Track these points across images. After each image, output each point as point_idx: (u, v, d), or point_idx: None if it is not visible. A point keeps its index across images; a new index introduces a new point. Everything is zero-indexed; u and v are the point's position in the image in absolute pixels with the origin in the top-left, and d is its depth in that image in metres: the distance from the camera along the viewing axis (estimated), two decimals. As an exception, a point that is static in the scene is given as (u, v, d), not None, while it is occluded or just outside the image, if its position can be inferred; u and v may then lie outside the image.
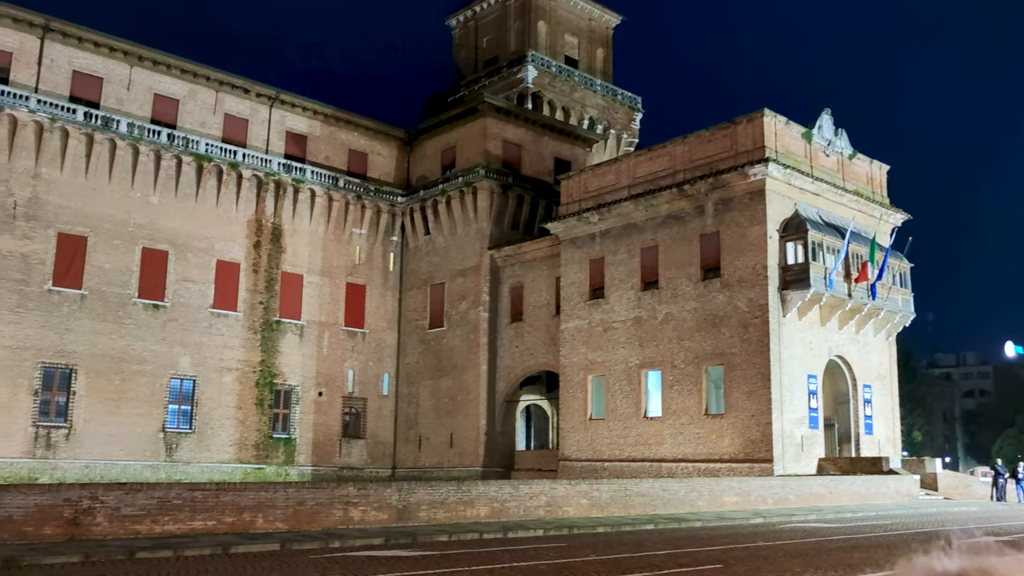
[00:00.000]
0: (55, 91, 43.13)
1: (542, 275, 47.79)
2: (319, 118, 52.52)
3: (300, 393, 49.21)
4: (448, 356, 50.40)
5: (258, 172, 48.36)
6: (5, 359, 40.00)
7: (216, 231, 47.18)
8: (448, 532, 22.65)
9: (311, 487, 25.02)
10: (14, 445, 39.62)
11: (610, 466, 40.90)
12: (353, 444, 50.99)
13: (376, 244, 53.64)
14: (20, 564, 16.50)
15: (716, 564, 16.38)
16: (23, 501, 19.43)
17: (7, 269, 40.67)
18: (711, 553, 18.28)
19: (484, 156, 50.96)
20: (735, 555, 17.88)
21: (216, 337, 46.48)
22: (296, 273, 50.03)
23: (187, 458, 44.43)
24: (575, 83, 61.72)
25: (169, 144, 45.34)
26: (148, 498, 20.84)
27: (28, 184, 41.81)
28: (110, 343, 42.99)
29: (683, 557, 17.64)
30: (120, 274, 43.86)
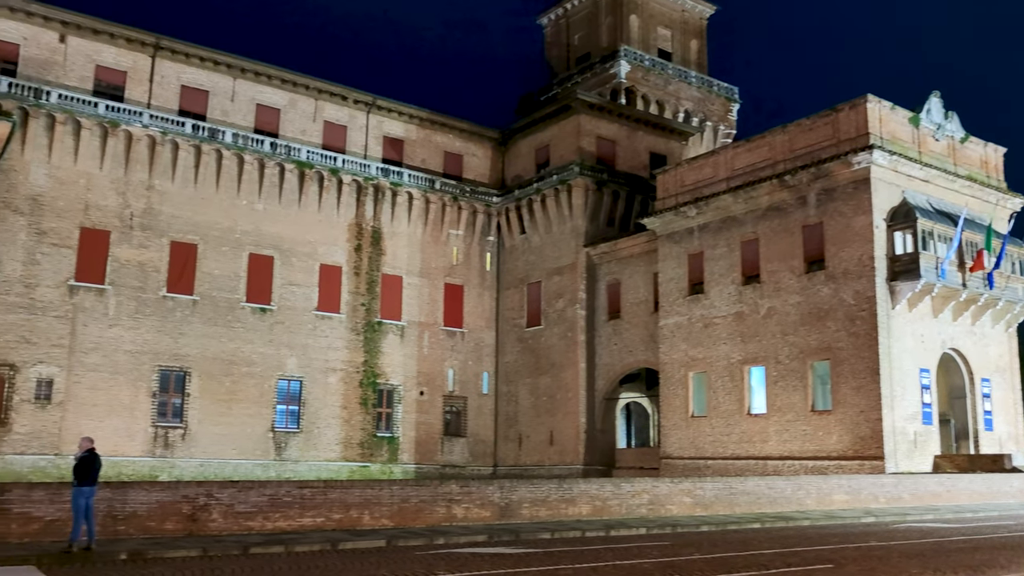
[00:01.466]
0: (165, 106, 45.06)
1: (639, 271, 47.35)
2: (415, 122, 53.34)
3: (402, 392, 50.09)
4: (546, 354, 50.47)
5: (357, 177, 49.44)
6: (126, 363, 42.01)
7: (319, 235, 48.46)
8: (550, 530, 22.67)
9: (415, 485, 25.42)
10: (136, 444, 41.59)
11: (713, 464, 40.23)
12: (454, 442, 51.60)
13: (473, 244, 54.14)
14: (145, 557, 17.30)
15: (827, 564, 15.91)
16: (146, 498, 20.36)
17: (126, 277, 42.71)
18: (821, 553, 17.77)
19: (578, 153, 50.81)
20: (846, 555, 17.33)
21: (321, 339, 47.74)
22: (396, 275, 50.95)
23: (295, 457, 45.77)
24: (669, 76, 60.92)
25: (272, 152, 46.80)
26: (260, 495, 21.55)
27: (143, 196, 43.81)
28: (221, 346, 44.66)
29: (791, 556, 17.20)
30: (229, 279, 45.51)
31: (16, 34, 41.86)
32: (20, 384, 39.38)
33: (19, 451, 38.75)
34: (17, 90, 40.50)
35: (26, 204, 40.81)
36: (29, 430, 39.26)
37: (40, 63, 42.24)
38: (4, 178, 40.11)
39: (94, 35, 43.65)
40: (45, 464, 38.86)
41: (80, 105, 41.96)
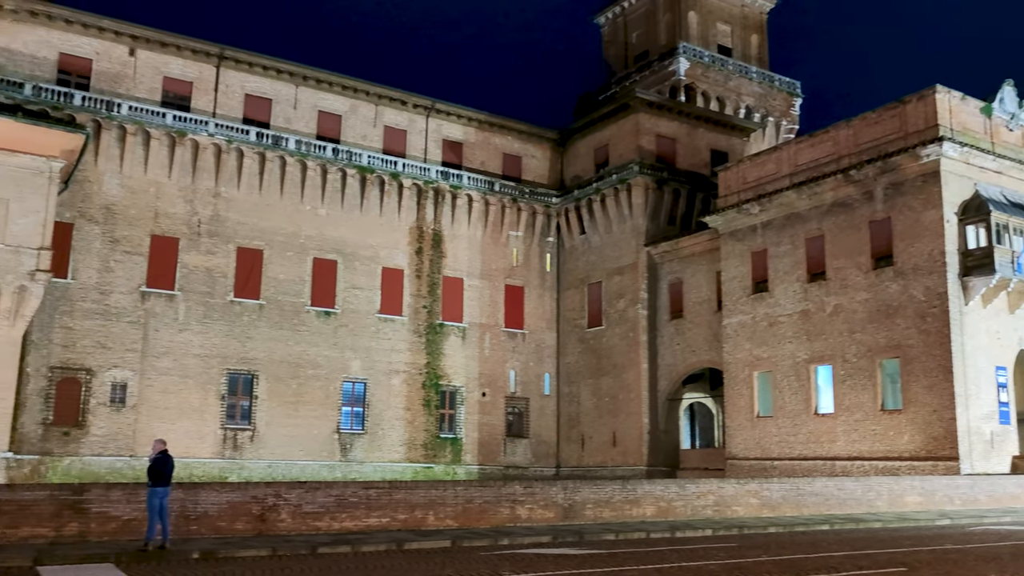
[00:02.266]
0: (230, 115, 46.06)
1: (701, 270, 46.85)
2: (473, 124, 53.62)
3: (464, 394, 50.37)
4: (608, 355, 50.25)
5: (418, 181, 49.90)
6: (196, 367, 43.06)
7: (380, 239, 49.04)
8: (614, 531, 22.58)
9: (479, 485, 25.54)
10: (206, 446, 42.58)
11: (780, 464, 39.58)
12: (517, 443, 51.70)
13: (533, 245, 54.20)
14: (216, 556, 17.70)
15: (899, 567, 15.54)
16: (216, 498, 20.84)
17: (195, 283, 43.78)
18: (893, 555, 17.36)
19: (637, 152, 50.50)
20: (920, 558, 16.90)
21: (384, 341, 48.29)
22: (456, 277, 51.27)
23: (360, 458, 46.37)
24: (729, 72, 60.19)
25: (334, 158, 47.50)
26: (327, 496, 21.89)
27: (210, 203, 44.85)
28: (287, 349, 45.47)
29: (863, 559, 16.84)
30: (294, 284, 46.32)
31: (89, 49, 43.23)
32: (96, 388, 40.64)
33: (96, 452, 40.00)
34: (90, 103, 41.81)
35: (100, 213, 42.11)
36: (105, 432, 40.49)
37: (111, 77, 43.55)
38: (79, 189, 41.45)
39: (162, 48, 44.85)
40: (121, 465, 40.03)
41: (149, 116, 43.14)
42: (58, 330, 40.20)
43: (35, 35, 42.14)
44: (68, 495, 19.63)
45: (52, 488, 20.47)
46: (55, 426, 39.52)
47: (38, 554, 17.10)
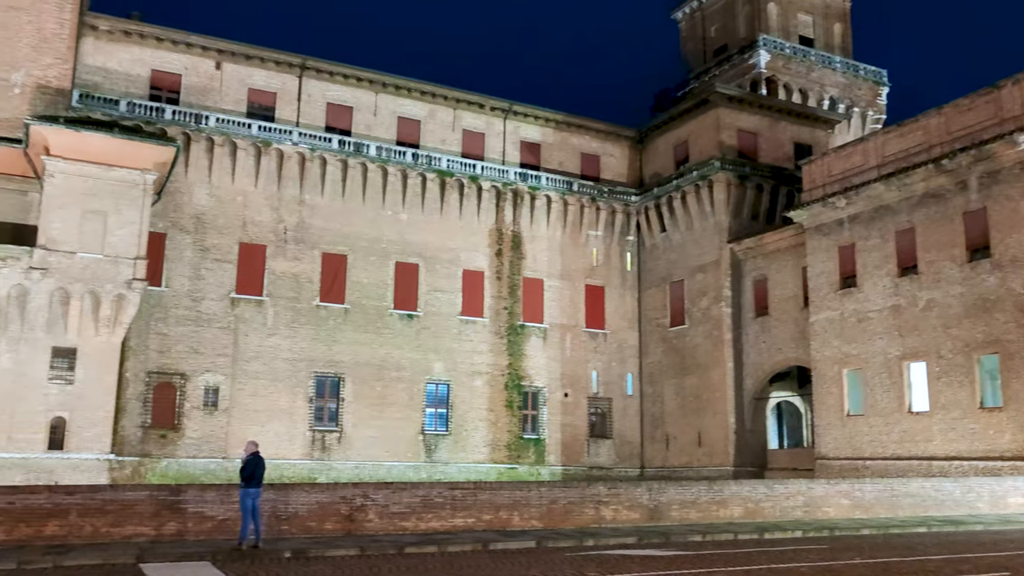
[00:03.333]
0: (313, 123, 47.10)
1: (787, 266, 45.86)
2: (551, 125, 53.63)
3: (547, 394, 50.40)
4: (691, 354, 49.61)
5: (496, 183, 50.16)
6: (285, 370, 44.15)
7: (461, 242, 49.47)
8: (701, 532, 22.29)
9: (563, 486, 25.52)
10: (295, 448, 43.61)
11: (872, 465, 38.44)
12: (600, 444, 51.47)
13: (612, 245, 53.90)
14: (307, 555, 18.11)
15: (1002, 571, 14.92)
16: (306, 499, 21.33)
17: (282, 289, 44.90)
18: (996, 560, 16.68)
19: (718, 147, 49.74)
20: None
21: (466, 343, 48.69)
22: (536, 278, 51.34)
23: (445, 459, 46.83)
24: (811, 63, 58.81)
25: (414, 163, 48.13)
26: (412, 497, 22.18)
27: (295, 210, 45.94)
28: (371, 352, 46.25)
29: (962, 563, 16.23)
30: (377, 288, 47.09)
31: (178, 65, 44.77)
32: (190, 392, 42.03)
33: (191, 455, 41.36)
34: (180, 117, 43.30)
35: (191, 223, 43.56)
36: (200, 435, 41.85)
37: (199, 90, 45.01)
38: (171, 200, 42.95)
39: (246, 60, 46.14)
40: (215, 467, 41.31)
41: (235, 127, 44.43)
42: (154, 336, 41.72)
43: (129, 53, 43.83)
44: (167, 495, 20.35)
45: (152, 489, 21.25)
46: (153, 429, 41.02)
47: (140, 552, 17.77)
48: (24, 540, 18.73)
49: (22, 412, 34.84)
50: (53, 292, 35.79)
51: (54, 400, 35.54)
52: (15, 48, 39.42)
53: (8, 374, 34.97)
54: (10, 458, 34.31)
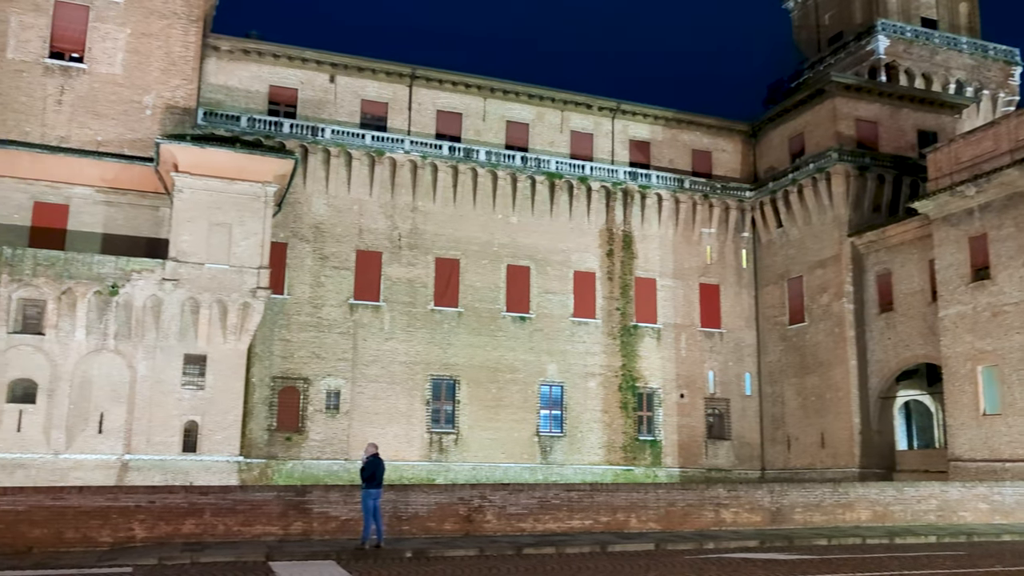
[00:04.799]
0: (424, 131, 47.98)
1: (912, 259, 43.90)
2: (660, 123, 53.00)
3: (662, 396, 49.78)
4: (812, 352, 48.07)
5: (606, 183, 49.91)
6: (402, 373, 45.09)
7: (571, 243, 49.44)
8: (826, 536, 21.57)
9: (681, 488, 25.14)
10: (414, 450, 44.48)
11: (1012, 467, 36.33)
12: (719, 445, 50.48)
13: (727, 242, 52.81)
14: (427, 555, 18.42)
15: None
16: (425, 499, 21.72)
17: (398, 294, 45.90)
18: None
19: (835, 138, 48.08)
20: None
21: (579, 344, 48.60)
22: (649, 277, 50.79)
23: (560, 460, 46.84)
24: (935, 46, 56.17)
25: (523, 166, 48.39)
26: (529, 498, 22.29)
27: (408, 217, 46.89)
28: (485, 355, 46.72)
29: (1118, 572, 15.14)
30: (489, 291, 47.56)
31: (294, 80, 46.38)
32: (313, 395, 43.42)
33: (315, 456, 42.72)
34: (297, 130, 44.83)
35: (310, 232, 45.02)
36: (322, 437, 43.17)
37: (315, 103, 46.49)
38: (291, 210, 44.51)
39: (359, 72, 47.39)
40: (337, 468, 42.53)
41: (350, 138, 45.68)
42: (278, 342, 43.30)
43: (248, 71, 45.68)
44: (293, 496, 21.08)
45: (279, 489, 22.05)
46: (278, 432, 42.55)
47: (269, 550, 18.46)
48: (163, 537, 19.73)
49: (159, 417, 36.74)
50: (184, 302, 37.61)
51: (187, 405, 37.33)
52: (146, 72, 41.64)
53: (145, 381, 36.94)
54: (149, 460, 36.24)
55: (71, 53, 40.68)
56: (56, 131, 39.75)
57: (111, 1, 41.56)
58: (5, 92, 39.37)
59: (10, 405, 35.42)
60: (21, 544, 19.09)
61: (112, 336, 36.86)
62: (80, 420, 36.13)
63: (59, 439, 35.59)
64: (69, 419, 35.89)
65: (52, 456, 35.33)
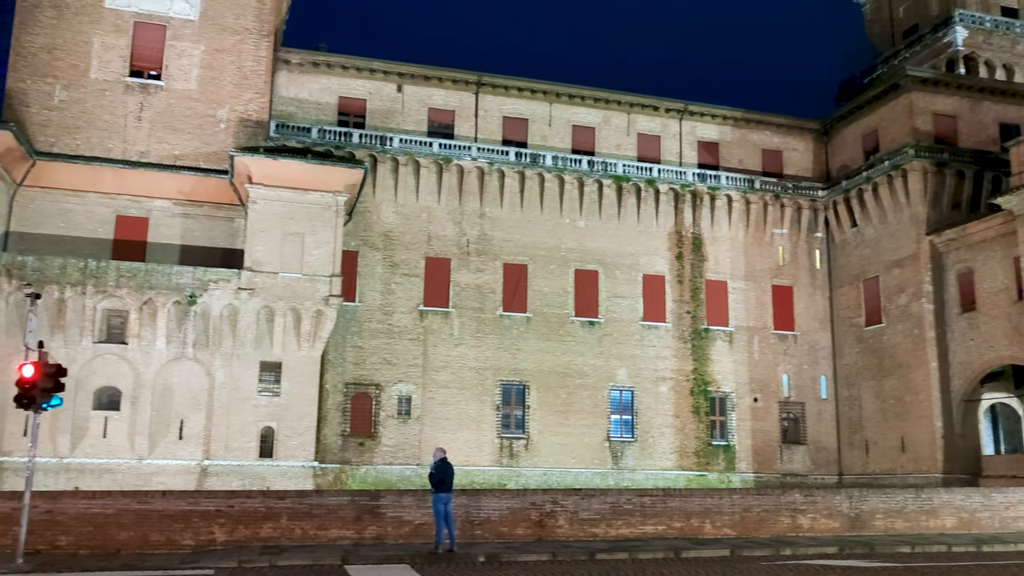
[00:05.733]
0: (490, 138, 48.22)
1: (995, 256, 42.40)
2: (728, 123, 52.30)
3: (735, 400, 49.01)
4: (890, 354, 46.78)
5: (674, 185, 49.43)
6: (471, 379, 45.32)
7: (640, 247, 49.09)
8: (909, 543, 20.96)
9: (756, 494, 24.71)
10: (484, 455, 44.63)
11: (1107, 472, 34.77)
12: (794, 450, 49.46)
13: (799, 243, 51.79)
14: (500, 560, 18.46)
15: None
16: (497, 504, 21.77)
17: (467, 299, 46.16)
18: None
19: (912, 134, 46.78)
20: None
21: (648, 348, 48.17)
22: (720, 280, 50.11)
23: (632, 466, 46.47)
24: (1017, 35, 54.31)
25: (590, 170, 48.24)
26: (602, 503, 22.16)
27: (476, 223, 47.15)
28: (554, 360, 46.65)
29: None
30: (557, 296, 47.49)
31: (363, 90, 47.10)
32: (385, 401, 43.93)
33: (387, 462, 43.19)
34: (366, 140, 45.50)
35: (380, 240, 45.61)
36: (394, 443, 43.64)
37: (383, 113, 47.13)
38: (361, 219, 45.17)
39: (425, 81, 47.89)
40: (409, 474, 42.92)
41: (418, 147, 46.16)
42: (350, 349, 43.93)
43: (318, 83, 46.56)
44: (367, 501, 21.35)
45: (353, 494, 22.38)
46: (351, 437, 43.15)
47: (345, 554, 18.71)
48: (242, 541, 20.17)
49: (236, 423, 37.64)
50: (259, 310, 38.46)
51: (263, 411, 38.16)
52: (220, 87, 42.79)
53: (224, 388, 37.88)
54: (227, 465, 37.13)
55: (149, 71, 42.04)
56: (136, 146, 41.11)
57: (186, 19, 42.84)
58: (89, 111, 40.88)
59: (96, 412, 36.72)
60: (110, 546, 19.74)
61: (191, 344, 37.91)
62: (162, 426, 37.23)
63: (142, 445, 36.73)
64: (151, 425, 37.02)
65: (136, 461, 36.48)
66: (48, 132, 40.24)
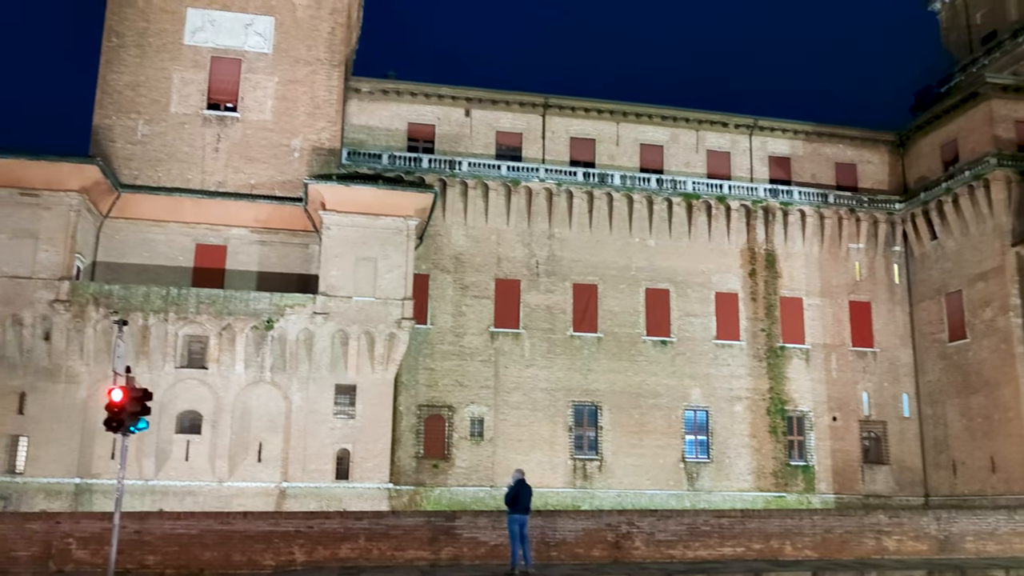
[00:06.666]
0: (557, 159, 48.36)
1: (1086, 268, 40.71)
2: (800, 137, 51.48)
3: (813, 419, 47.88)
4: (976, 371, 45.17)
5: (745, 201, 48.81)
6: (543, 400, 45.24)
7: (711, 264, 48.52)
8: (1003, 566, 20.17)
9: (838, 515, 24.08)
10: (558, 476, 44.42)
11: None
12: (876, 470, 48.01)
13: (876, 257, 50.54)
14: (576, 582, 18.32)
15: None
16: (573, 526, 21.65)
17: (537, 320, 46.20)
18: None
19: (993, 143, 45.36)
20: None
21: (723, 367, 47.45)
22: (795, 297, 49.16)
23: (708, 487, 45.70)
24: (1101, 38, 52.22)
25: (659, 189, 47.97)
26: (678, 524, 21.86)
27: (545, 244, 47.24)
28: (626, 380, 46.27)
29: None
30: (628, 315, 47.18)
31: (431, 116, 47.78)
32: (457, 423, 44.15)
33: (461, 483, 43.33)
34: (435, 164, 46.09)
35: (451, 263, 46.04)
36: (468, 464, 43.77)
37: (451, 138, 47.71)
38: (432, 243, 45.69)
39: (492, 105, 48.34)
40: (483, 495, 42.97)
41: (486, 170, 46.56)
42: (422, 371, 44.32)
43: (388, 110, 47.40)
44: (442, 522, 21.46)
45: (429, 515, 22.50)
46: (425, 459, 43.43)
47: (422, 575, 18.80)
48: (321, 561, 20.45)
49: (313, 445, 38.27)
50: (334, 334, 39.14)
51: (339, 433, 38.72)
52: (294, 117, 43.93)
53: (300, 411, 38.58)
54: (305, 487, 37.75)
55: (226, 103, 43.39)
56: (214, 177, 42.40)
57: (261, 53, 44.16)
58: (170, 144, 42.36)
59: (179, 436, 37.76)
60: (194, 566, 20.23)
61: (268, 368, 38.75)
62: (241, 449, 38.07)
63: (223, 467, 37.59)
64: (231, 448, 37.89)
65: (217, 484, 37.34)
66: (132, 165, 41.80)
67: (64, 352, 37.24)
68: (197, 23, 43.72)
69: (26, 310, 36.77)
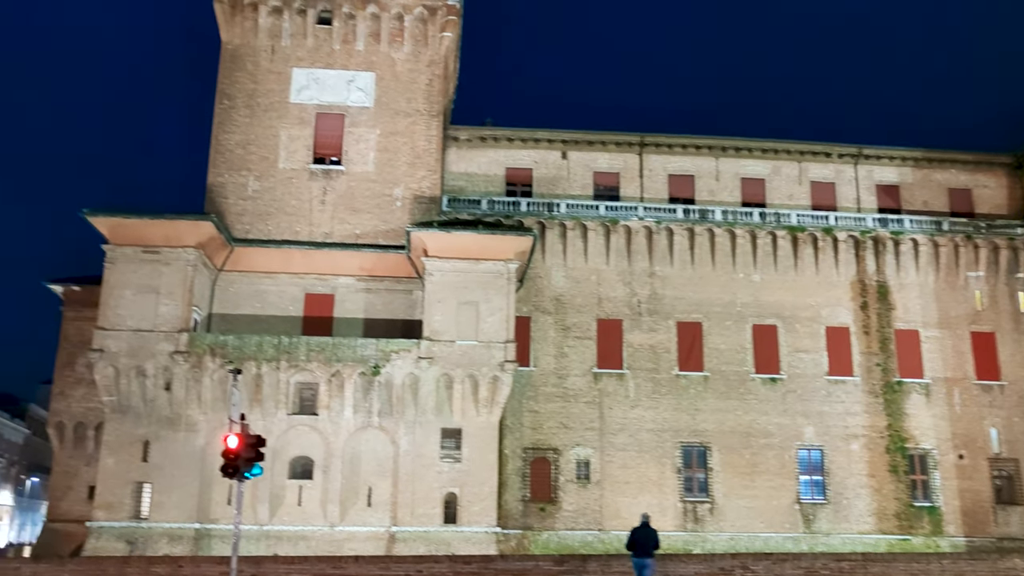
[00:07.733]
0: (656, 197, 48.05)
1: None
2: (908, 164, 49.77)
3: (937, 457, 45.53)
4: (1116, 402, 42.24)
5: (853, 232, 47.34)
6: (650, 441, 44.49)
7: (820, 298, 47.09)
8: None
9: (968, 559, 22.78)
10: (667, 519, 43.38)
11: None
12: (1010, 511, 45.17)
13: (998, 285, 48.09)
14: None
15: None
16: (685, 570, 21.14)
17: (641, 360, 45.63)
18: None
19: (1121, 161, 42.85)
20: None
21: (836, 404, 45.75)
22: (910, 329, 47.14)
23: (826, 529, 43.87)
24: None
25: (761, 222, 47.03)
26: (795, 568, 21.07)
27: (646, 283, 46.81)
28: (736, 419, 45.09)
29: None
30: (735, 353, 46.11)
31: (528, 160, 48.30)
32: (563, 466, 43.79)
33: (569, 527, 42.83)
34: (533, 207, 46.44)
35: (551, 304, 46.08)
36: (575, 507, 43.28)
37: (549, 180, 48.06)
38: (532, 285, 45.88)
39: (588, 146, 48.56)
40: (591, 539, 42.36)
41: (584, 210, 46.63)
42: (527, 414, 44.26)
43: (486, 156, 48.17)
44: (551, 566, 21.28)
45: (537, 559, 22.32)
46: (532, 502, 43.17)
47: (531, 620, 18.59)
48: (431, 606, 20.47)
49: (421, 489, 38.58)
50: (438, 378, 39.57)
51: (446, 477, 38.93)
52: (395, 167, 45.12)
53: (407, 455, 39.02)
54: (414, 531, 38.01)
55: (331, 157, 44.92)
56: (321, 228, 43.81)
57: (363, 107, 45.65)
58: (280, 198, 44.05)
59: (291, 481, 38.67)
60: (307, 610, 20.54)
61: (376, 413, 39.42)
62: (351, 494, 38.68)
63: (334, 512, 38.25)
64: (342, 493, 38.55)
65: (328, 528, 37.99)
66: (244, 220, 43.59)
67: (184, 401, 38.79)
68: (302, 82, 45.56)
69: (149, 362, 38.53)
